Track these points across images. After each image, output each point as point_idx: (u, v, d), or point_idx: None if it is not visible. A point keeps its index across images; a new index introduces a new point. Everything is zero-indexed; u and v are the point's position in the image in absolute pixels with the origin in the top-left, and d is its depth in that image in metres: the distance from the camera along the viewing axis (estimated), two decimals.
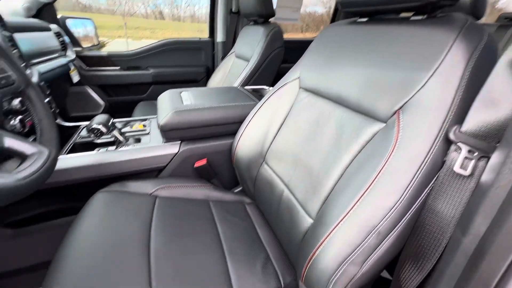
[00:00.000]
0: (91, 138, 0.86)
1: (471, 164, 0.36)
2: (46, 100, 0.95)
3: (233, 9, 1.68)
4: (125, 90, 1.71)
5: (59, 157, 0.74)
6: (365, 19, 0.62)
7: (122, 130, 0.91)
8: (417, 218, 0.40)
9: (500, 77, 0.33)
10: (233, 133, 0.83)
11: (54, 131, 0.52)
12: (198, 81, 1.81)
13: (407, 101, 0.43)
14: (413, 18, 0.50)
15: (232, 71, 1.43)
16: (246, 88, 1.10)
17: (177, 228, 0.61)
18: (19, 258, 0.75)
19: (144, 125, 0.97)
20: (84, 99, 1.59)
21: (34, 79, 0.93)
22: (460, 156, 0.36)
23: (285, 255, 0.61)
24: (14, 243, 0.73)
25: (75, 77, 1.46)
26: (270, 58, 1.28)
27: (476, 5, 0.67)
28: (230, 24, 1.71)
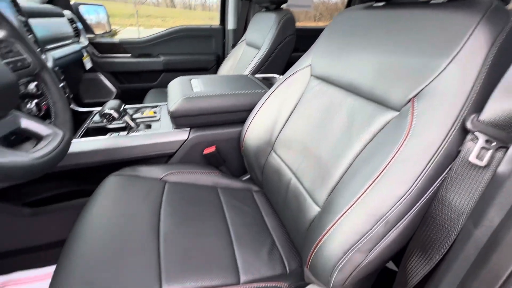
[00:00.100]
0: (104, 123, 0.87)
1: (488, 155, 0.34)
2: (60, 85, 0.97)
3: None
4: (136, 78, 1.73)
5: (73, 141, 0.76)
6: (382, 3, 0.60)
7: (133, 116, 0.92)
8: (428, 209, 0.39)
9: None
10: (242, 121, 0.83)
11: (68, 114, 0.53)
12: (208, 69, 1.81)
13: (423, 89, 0.41)
14: (434, 1, 0.48)
15: (243, 59, 1.42)
16: (256, 76, 1.09)
17: (186, 213, 0.62)
18: (36, 236, 0.79)
19: (155, 112, 0.99)
20: (97, 86, 1.62)
21: (49, 64, 0.95)
22: (477, 146, 0.35)
23: (291, 242, 0.62)
24: (32, 222, 0.77)
25: (88, 64, 1.48)
26: (282, 46, 1.25)
27: None
28: (242, 11, 1.68)
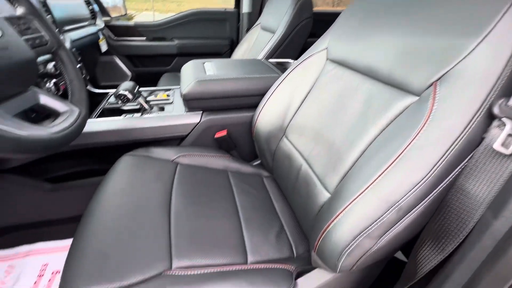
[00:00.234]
0: (119, 105, 0.89)
1: None
2: (77, 66, 0.99)
3: None
4: (151, 61, 1.74)
5: (90, 121, 0.78)
6: None
7: (147, 99, 0.93)
8: (444, 197, 0.37)
9: None
10: (255, 106, 0.82)
11: (84, 92, 0.54)
12: (222, 54, 1.79)
13: (447, 72, 0.38)
14: None
15: (257, 44, 1.39)
16: (270, 61, 1.07)
17: (196, 194, 0.63)
18: (56, 210, 0.83)
19: (168, 95, 0.99)
20: (112, 69, 1.64)
21: (66, 45, 0.97)
22: (503, 133, 0.33)
23: (299, 227, 0.62)
24: (52, 196, 0.81)
25: (104, 46, 1.50)
26: (297, 30, 1.21)
27: None
28: None
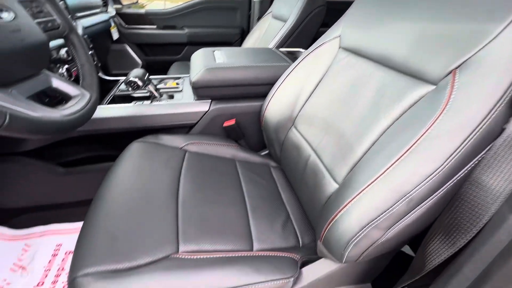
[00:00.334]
0: (129, 92, 0.90)
1: None
2: (89, 53, 1.00)
3: None
4: (161, 50, 1.74)
5: (101, 107, 0.79)
6: None
7: (157, 87, 0.94)
8: (458, 190, 0.36)
9: None
10: (264, 95, 0.81)
11: (95, 77, 0.55)
12: (232, 43, 1.77)
13: (468, 59, 0.36)
14: None
15: (268, 33, 1.36)
16: (281, 50, 1.05)
17: (204, 181, 0.64)
18: (69, 193, 0.86)
19: (177, 83, 0.99)
20: (123, 57, 1.65)
21: (78, 32, 0.98)
22: None
23: (306, 218, 0.62)
24: (65, 180, 0.84)
25: (115, 34, 1.50)
26: (310, 18, 1.18)
27: None
28: None
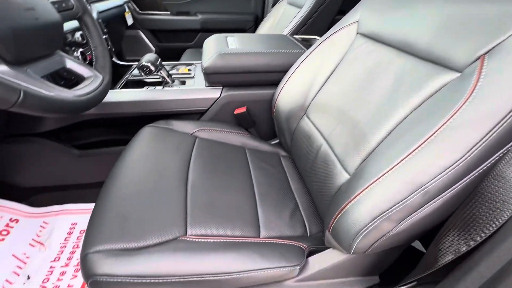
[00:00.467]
0: (142, 77, 0.90)
1: None
2: (104, 37, 1.01)
3: None
4: (174, 37, 1.73)
5: (114, 91, 0.80)
6: None
7: (169, 72, 0.94)
8: (478, 184, 0.34)
9: None
10: (276, 83, 0.79)
11: (108, 59, 0.55)
12: (246, 31, 1.74)
13: (500, 43, 0.34)
14: None
15: (282, 20, 1.32)
16: (295, 37, 1.02)
17: (213, 167, 0.64)
18: (83, 175, 0.89)
19: (189, 69, 0.99)
20: (137, 43, 1.66)
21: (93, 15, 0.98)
22: None
23: (314, 208, 0.61)
24: (80, 162, 0.86)
25: (129, 20, 1.51)
26: (326, 4, 1.13)
27: None
28: None
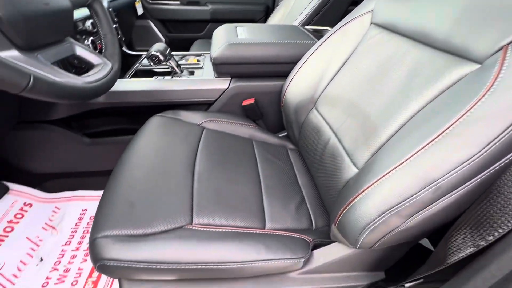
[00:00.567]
0: (151, 67, 0.90)
1: None
2: (114, 26, 1.01)
3: None
4: (184, 27, 1.72)
5: (123, 80, 0.81)
6: None
7: (178, 62, 0.93)
8: (495, 181, 0.33)
9: None
10: (286, 75, 0.78)
11: (117, 47, 0.55)
12: (256, 21, 1.71)
13: None
14: None
15: (294, 10, 1.29)
16: (307, 28, 0.99)
17: (220, 158, 0.64)
18: (93, 163, 0.91)
19: (198, 60, 0.99)
20: (147, 33, 1.66)
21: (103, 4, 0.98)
22: None
23: (321, 201, 0.60)
24: (90, 150, 0.88)
25: (139, 9, 1.50)
26: None
27: None
28: None
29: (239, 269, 0.44)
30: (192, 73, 0.90)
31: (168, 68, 0.89)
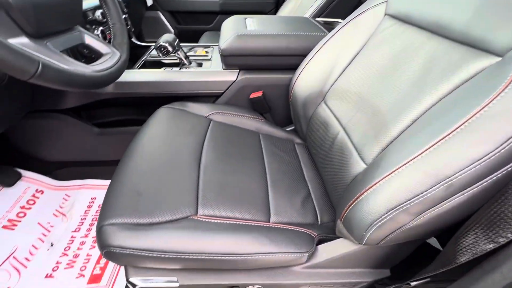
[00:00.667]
0: (160, 58, 0.90)
1: None
2: (123, 17, 1.01)
3: None
4: (193, 19, 1.71)
5: (132, 71, 0.81)
6: None
7: (187, 54, 0.93)
8: (510, 180, 0.31)
9: None
10: (295, 67, 0.76)
11: (125, 37, 0.55)
12: (266, 13, 1.68)
13: None
14: None
15: (304, 2, 1.26)
16: (318, 20, 0.97)
17: (227, 150, 0.64)
18: (102, 152, 0.92)
19: (207, 52, 0.98)
20: (156, 25, 1.66)
21: None
22: None
23: (327, 197, 0.60)
24: (99, 139, 0.89)
25: (149, 1, 1.50)
26: None
27: None
28: None
29: (242, 261, 0.44)
30: (200, 65, 0.89)
31: (177, 60, 0.88)
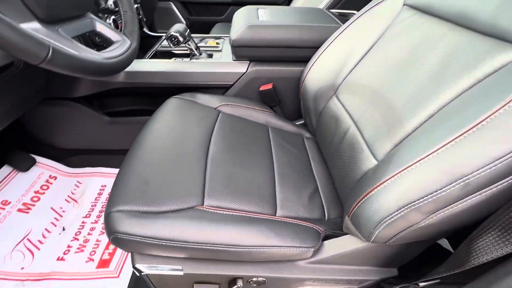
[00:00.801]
0: (170, 48, 0.90)
1: None
2: (135, 6, 1.01)
3: None
4: (205, 10, 1.70)
5: (143, 61, 0.81)
6: None
7: (198, 45, 0.92)
8: None
9: None
10: (306, 60, 0.75)
11: (136, 25, 0.55)
12: (279, 4, 1.65)
13: None
14: None
15: None
16: (332, 11, 0.94)
17: (235, 142, 0.63)
18: (112, 141, 0.94)
19: (218, 43, 0.97)
20: (168, 15, 1.66)
21: None
22: None
23: (335, 192, 0.58)
24: (110, 128, 0.90)
25: None
26: None
27: None
28: None
29: (247, 253, 0.44)
30: (211, 56, 0.89)
31: (187, 50, 0.88)
